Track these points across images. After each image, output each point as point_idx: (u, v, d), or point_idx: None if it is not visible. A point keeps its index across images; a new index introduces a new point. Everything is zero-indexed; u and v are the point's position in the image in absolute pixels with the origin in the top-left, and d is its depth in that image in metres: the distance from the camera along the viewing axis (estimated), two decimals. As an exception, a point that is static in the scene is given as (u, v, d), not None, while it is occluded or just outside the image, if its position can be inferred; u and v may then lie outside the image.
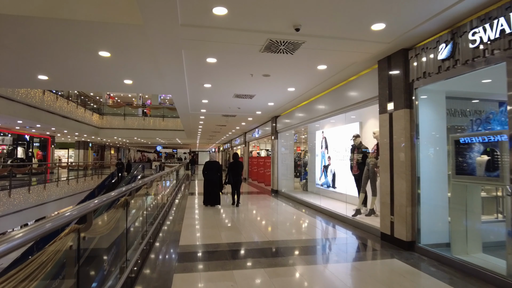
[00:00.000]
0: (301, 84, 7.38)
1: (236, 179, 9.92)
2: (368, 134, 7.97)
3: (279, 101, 9.59)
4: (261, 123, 15.28)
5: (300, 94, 8.54)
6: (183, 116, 13.31)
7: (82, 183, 21.58)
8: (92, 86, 8.46)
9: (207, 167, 9.74)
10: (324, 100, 8.22)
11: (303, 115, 10.00)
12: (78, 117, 20.64)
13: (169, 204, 9.12)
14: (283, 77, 6.82)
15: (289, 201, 10.55)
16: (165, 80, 7.00)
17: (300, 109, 10.21)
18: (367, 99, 6.25)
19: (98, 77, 6.92)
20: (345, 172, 8.75)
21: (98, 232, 3.00)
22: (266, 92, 8.30)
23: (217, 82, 7.26)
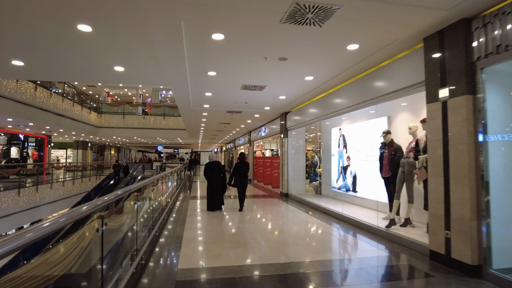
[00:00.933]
0: (323, 70, 6.28)
1: (244, 182, 8.86)
2: (398, 130, 6.87)
3: (292, 94, 8.51)
4: (268, 121, 14.20)
5: (317, 85, 7.45)
6: (184, 113, 12.24)
7: (79, 184, 20.58)
8: (77, 75, 7.32)
9: (208, 168, 8.91)
10: (346, 92, 7.12)
11: (317, 110, 8.91)
12: (75, 115, 19.63)
13: (169, 210, 8.06)
14: (303, 61, 5.73)
15: (301, 206, 9.46)
16: (162, 67, 5.93)
17: (314, 103, 9.13)
18: (405, 87, 5.15)
19: (81, 61, 5.85)
20: (370, 174, 7.66)
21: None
22: (279, 82, 7.21)
23: (223, 69, 6.18)
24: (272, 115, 12.30)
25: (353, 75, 6.59)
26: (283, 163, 11.59)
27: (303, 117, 10.12)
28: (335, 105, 7.74)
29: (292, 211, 8.66)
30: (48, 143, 24.07)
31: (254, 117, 12.94)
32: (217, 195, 8.71)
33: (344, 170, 9.09)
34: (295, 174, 11.38)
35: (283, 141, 11.63)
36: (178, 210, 8.70)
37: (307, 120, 9.78)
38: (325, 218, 7.51)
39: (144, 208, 5.70)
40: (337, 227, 6.54)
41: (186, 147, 43.03)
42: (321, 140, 11.00)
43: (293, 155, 11.44)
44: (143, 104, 26.40)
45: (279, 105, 10.25)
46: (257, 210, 8.88)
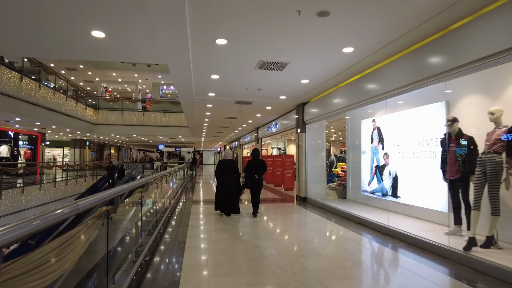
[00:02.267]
0: (371, 37, 4.69)
1: (257, 183, 7.54)
2: (463, 118, 5.27)
3: (319, 75, 6.92)
4: (280, 115, 12.61)
5: (356, 61, 5.86)
6: (186, 105, 10.69)
7: (73, 185, 19.13)
8: (41, 45, 5.60)
9: (221, 167, 7.71)
10: (396, 68, 5.53)
11: (346, 98, 7.38)
12: (68, 111, 18.15)
13: (167, 219, 6.50)
14: (348, 19, 4.13)
15: (325, 213, 7.88)
16: (156, 33, 4.38)
17: (342, 90, 7.57)
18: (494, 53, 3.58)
19: (45, 17, 4.28)
20: (418, 174, 6.07)
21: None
22: (307, 57, 5.63)
23: (237, 34, 4.60)
24: (287, 106, 10.72)
25: (410, 45, 5.00)
26: (299, 162, 10.01)
27: (325, 108, 8.55)
28: (373, 90, 6.17)
29: (316, 220, 7.06)
30: (42, 141, 22.58)
31: (265, 109, 11.36)
32: (231, 198, 7.48)
33: (379, 170, 7.50)
34: (314, 175, 9.79)
35: (300, 137, 10.04)
36: (178, 217, 7.14)
37: (331, 111, 8.21)
38: (362, 230, 5.92)
39: (134, 219, 4.18)
40: (389, 247, 4.95)
41: (188, 146, 41.52)
42: (347, 135, 9.40)
43: (311, 153, 9.85)
44: (143, 100, 24.89)
45: (298, 93, 8.67)
46: (274, 219, 7.29)
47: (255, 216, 7.37)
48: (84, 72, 24.29)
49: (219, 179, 7.70)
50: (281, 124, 12.85)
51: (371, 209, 7.61)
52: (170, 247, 4.83)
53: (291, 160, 12.97)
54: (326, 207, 8.41)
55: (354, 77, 7.02)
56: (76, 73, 24.52)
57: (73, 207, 1.71)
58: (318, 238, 5.41)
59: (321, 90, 8.35)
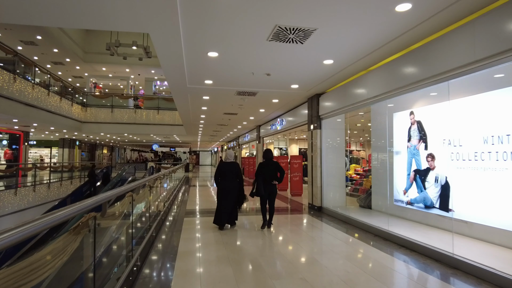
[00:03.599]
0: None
1: (271, 187, 6.42)
2: None
3: (351, 51, 5.35)
4: (287, 110, 11.03)
5: (413, 25, 4.27)
6: (179, 98, 9.09)
7: (56, 188, 17.46)
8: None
9: (221, 170, 6.55)
10: (465, 37, 3.99)
11: (377, 86, 5.86)
12: (52, 107, 16.48)
13: (149, 242, 4.91)
14: None
15: (351, 229, 6.32)
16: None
17: (372, 75, 6.04)
18: None
19: None
20: (487, 182, 4.53)
21: None
22: (343, 19, 4.05)
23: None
24: (297, 99, 9.14)
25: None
26: (314, 165, 8.43)
27: (346, 99, 7.00)
28: (424, 71, 4.64)
29: (345, 241, 5.48)
30: (25, 140, 20.88)
31: (271, 103, 9.78)
32: (229, 207, 6.38)
33: (420, 176, 5.95)
34: (331, 179, 8.22)
35: (314, 135, 8.47)
36: (165, 240, 5.54)
37: (356, 101, 6.66)
38: (415, 260, 4.37)
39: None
40: (451, 283, 3.41)
41: (184, 146, 39.84)
42: (371, 132, 7.86)
43: (328, 154, 8.28)
44: (135, 98, 23.20)
45: (314, 80, 7.10)
46: (290, 239, 5.70)
47: (268, 227, 6.32)
48: (72, 67, 22.59)
49: (219, 185, 6.48)
50: (287, 121, 11.28)
51: (412, 225, 6.06)
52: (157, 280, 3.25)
53: (299, 162, 11.42)
54: (350, 220, 6.85)
55: (391, 57, 5.49)
56: (63, 68, 22.81)
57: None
58: (361, 274, 3.82)
59: (342, 76, 6.80)
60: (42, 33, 16.43)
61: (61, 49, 18.93)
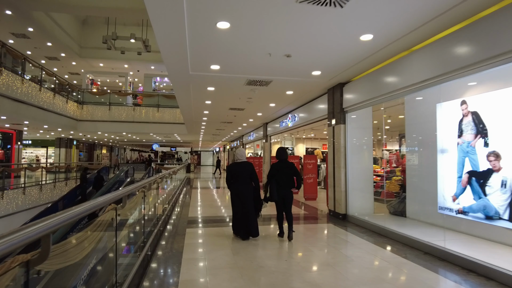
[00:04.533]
0: None
1: (285, 192, 5.56)
2: None
3: (395, 25, 4.23)
4: (301, 104, 9.87)
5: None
6: (180, 89, 7.98)
7: (50, 190, 16.38)
8: None
9: (233, 172, 5.67)
10: None
11: (422, 70, 4.74)
12: (44, 103, 15.39)
13: (141, 267, 3.78)
14: None
15: (387, 242, 5.18)
16: None
17: (414, 57, 4.91)
18: None
19: None
20: None
21: None
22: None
23: None
24: (315, 90, 8.00)
25: None
26: (336, 166, 7.29)
27: (379, 88, 5.89)
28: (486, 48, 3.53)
29: (388, 261, 4.33)
30: (17, 139, 19.79)
31: (284, 96, 8.64)
32: (248, 217, 5.49)
33: (478, 179, 4.82)
34: (358, 183, 7.08)
35: (336, 131, 7.34)
36: (161, 264, 4.41)
37: (391, 91, 5.53)
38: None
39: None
40: None
41: (185, 146, 38.71)
42: (406, 129, 6.72)
43: (354, 153, 7.15)
44: (134, 96, 22.06)
45: (343, 64, 5.95)
46: (315, 258, 4.56)
47: (290, 239, 5.34)
48: (68, 62, 21.49)
49: (232, 189, 5.64)
50: (300, 117, 10.14)
51: (470, 241, 4.93)
52: None
53: (313, 162, 10.28)
54: (386, 232, 5.70)
55: (443, 33, 4.37)
56: (59, 64, 21.72)
57: None
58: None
59: (375, 60, 5.67)
60: (33, 24, 15.32)
61: (55, 42, 17.82)
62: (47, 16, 15.60)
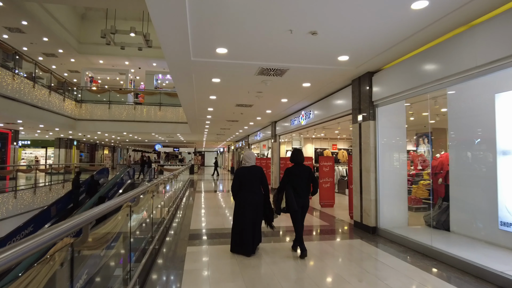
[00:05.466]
0: None
1: (304, 201, 4.82)
2: None
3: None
4: (317, 99, 8.77)
5: None
6: (181, 81, 6.94)
7: (45, 193, 15.44)
8: None
9: (241, 178, 4.86)
10: None
11: (485, 51, 3.67)
12: (39, 101, 14.48)
13: None
14: None
15: (444, 269, 4.09)
16: None
17: (476, 33, 3.82)
18: None
19: None
20: None
21: None
22: None
23: None
24: (337, 81, 6.91)
25: None
26: (363, 169, 6.20)
27: (420, 76, 4.81)
28: None
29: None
30: (13, 139, 18.88)
31: (300, 88, 7.55)
32: (254, 227, 4.77)
33: None
34: (389, 190, 5.99)
35: (364, 128, 6.24)
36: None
37: (439, 78, 4.44)
38: None
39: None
40: None
41: (188, 146, 37.73)
42: (450, 121, 5.61)
43: (386, 154, 6.06)
44: (136, 95, 21.06)
45: (380, 45, 4.85)
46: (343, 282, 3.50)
47: (303, 256, 4.54)
48: (66, 59, 20.58)
49: (237, 198, 4.85)
50: (316, 114, 9.05)
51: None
52: None
53: (329, 164, 9.20)
54: (430, 252, 4.61)
55: None
56: (57, 61, 20.81)
57: None
58: None
59: (420, 40, 4.59)
60: (27, 17, 14.38)
61: (52, 38, 16.87)
62: (42, 8, 14.65)
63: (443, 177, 7.94)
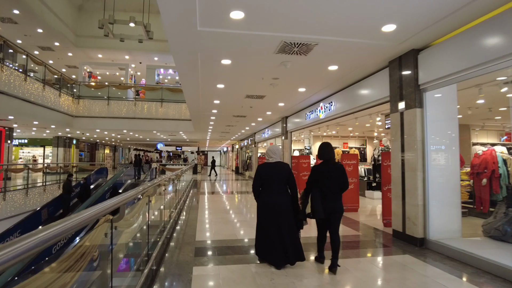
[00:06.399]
0: None
1: (334, 206, 3.95)
2: None
3: None
4: (342, 87, 7.62)
5: None
6: (183, 61, 5.86)
7: (38, 195, 14.41)
8: None
9: (264, 176, 4.10)
10: None
11: None
12: (31, 96, 13.47)
13: None
14: None
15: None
16: None
17: None
18: None
19: None
20: None
21: None
22: None
23: None
24: (371, 62, 5.78)
25: None
26: (408, 168, 5.06)
27: (483, 53, 3.69)
28: None
29: None
30: (7, 137, 17.87)
31: (325, 72, 6.42)
32: (292, 235, 4.02)
33: None
34: (440, 192, 4.87)
35: (406, 118, 5.12)
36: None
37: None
38: None
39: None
40: None
41: (191, 145, 36.67)
42: None
43: (436, 149, 4.93)
44: (136, 92, 19.96)
45: (436, 12, 3.77)
46: None
47: (334, 271, 3.76)
48: (63, 53, 19.56)
49: (260, 200, 4.16)
50: (337, 107, 7.94)
51: None
52: None
53: (353, 163, 8.09)
54: (503, 272, 3.51)
55: None
56: (54, 55, 19.80)
57: None
58: None
59: (489, 4, 3.48)
60: (18, 5, 13.36)
61: (46, 29, 15.85)
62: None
63: (487, 177, 6.84)
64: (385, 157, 6.27)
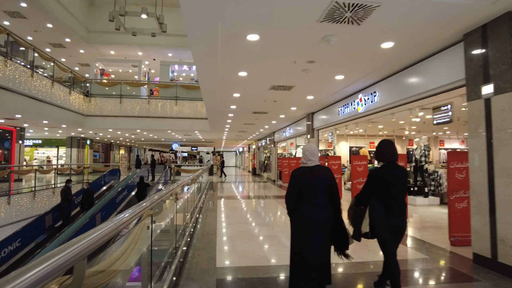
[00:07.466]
0: None
1: (400, 222, 2.98)
2: None
3: None
4: (390, 73, 6.33)
5: None
6: (199, 37, 4.72)
7: (47, 198, 13.61)
8: None
9: (301, 183, 2.98)
10: None
11: None
12: (39, 93, 12.69)
13: None
14: None
15: None
16: None
17: None
18: None
19: None
20: None
21: None
22: None
23: None
24: (440, 36, 4.47)
25: None
26: (499, 173, 3.74)
27: None
28: None
29: None
30: (18, 137, 17.29)
31: (377, 51, 5.15)
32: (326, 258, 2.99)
33: None
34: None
35: (495, 105, 3.80)
36: None
37: None
38: None
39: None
40: None
41: (207, 145, 35.73)
42: None
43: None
44: (150, 92, 19.00)
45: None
46: None
47: None
48: (75, 50, 18.88)
49: (295, 214, 3.08)
50: (383, 97, 6.64)
51: None
52: None
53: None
54: None
55: None
56: (66, 52, 19.16)
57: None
58: None
59: None
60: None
61: (56, 24, 15.12)
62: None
63: None
64: (453, 158, 4.95)
